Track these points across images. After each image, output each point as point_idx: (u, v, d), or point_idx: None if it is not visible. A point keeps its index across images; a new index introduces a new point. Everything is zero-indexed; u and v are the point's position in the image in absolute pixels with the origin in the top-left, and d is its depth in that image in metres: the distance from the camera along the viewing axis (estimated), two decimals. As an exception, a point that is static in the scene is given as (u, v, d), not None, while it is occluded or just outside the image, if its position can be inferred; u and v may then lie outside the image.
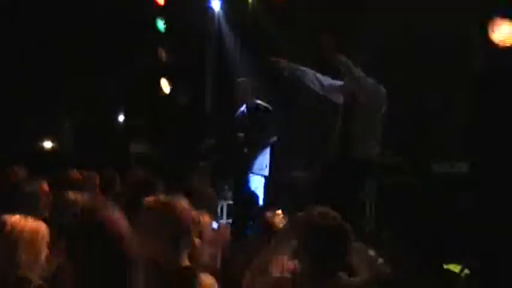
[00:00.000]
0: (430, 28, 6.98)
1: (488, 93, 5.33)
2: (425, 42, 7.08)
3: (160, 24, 10.19)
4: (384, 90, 5.92)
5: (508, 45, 5.31)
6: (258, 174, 6.90)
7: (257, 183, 6.85)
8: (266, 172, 6.95)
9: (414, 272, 2.64)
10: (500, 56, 5.32)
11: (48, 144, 14.35)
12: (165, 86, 11.19)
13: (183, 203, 2.85)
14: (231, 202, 7.88)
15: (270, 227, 3.69)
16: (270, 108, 7.07)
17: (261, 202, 6.40)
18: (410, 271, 2.64)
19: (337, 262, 2.80)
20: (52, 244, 3.02)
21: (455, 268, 3.19)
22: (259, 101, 7.08)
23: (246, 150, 6.85)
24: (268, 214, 3.82)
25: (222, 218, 7.50)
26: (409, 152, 7.01)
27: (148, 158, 11.32)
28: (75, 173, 5.17)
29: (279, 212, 3.75)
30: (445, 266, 2.64)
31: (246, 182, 6.83)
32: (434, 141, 6.92)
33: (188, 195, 4.66)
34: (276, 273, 2.99)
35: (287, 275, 2.96)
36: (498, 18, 5.31)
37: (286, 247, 3.00)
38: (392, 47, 7.03)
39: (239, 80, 7.23)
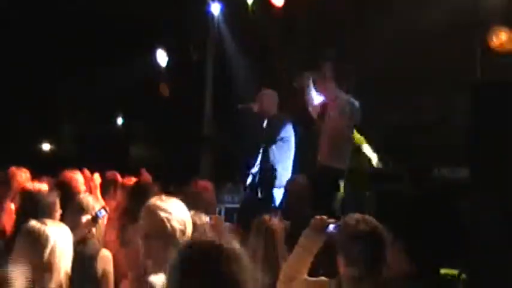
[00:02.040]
0: (429, 35, 7.01)
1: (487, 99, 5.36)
2: (425, 48, 7.10)
3: None
4: (357, 105, 6.02)
5: (506, 51, 5.35)
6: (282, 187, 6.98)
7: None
8: None
9: (412, 277, 2.65)
10: (499, 62, 5.35)
11: (46, 147, 14.37)
12: (164, 89, 11.21)
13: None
14: (229, 206, 7.91)
15: (269, 231, 3.70)
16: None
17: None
18: (409, 275, 2.65)
19: (382, 264, 2.92)
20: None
21: (452, 272, 3.21)
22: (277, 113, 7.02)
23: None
24: (266, 217, 3.82)
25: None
26: (408, 159, 7.03)
27: (148, 161, 11.33)
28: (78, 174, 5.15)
29: (276, 215, 3.76)
30: (443, 271, 2.66)
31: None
32: (435, 147, 6.94)
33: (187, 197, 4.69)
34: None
35: (323, 278, 3.02)
36: (497, 26, 5.35)
37: (314, 252, 3.12)
38: (391, 55, 7.06)
39: (266, 92, 7.01)
